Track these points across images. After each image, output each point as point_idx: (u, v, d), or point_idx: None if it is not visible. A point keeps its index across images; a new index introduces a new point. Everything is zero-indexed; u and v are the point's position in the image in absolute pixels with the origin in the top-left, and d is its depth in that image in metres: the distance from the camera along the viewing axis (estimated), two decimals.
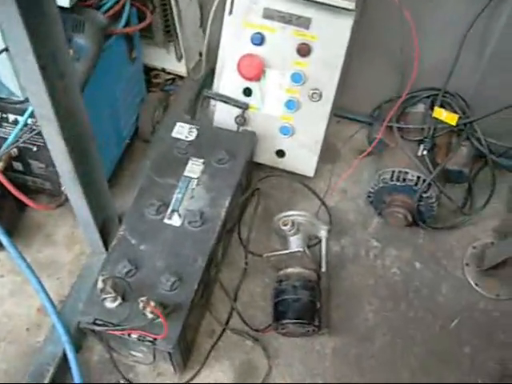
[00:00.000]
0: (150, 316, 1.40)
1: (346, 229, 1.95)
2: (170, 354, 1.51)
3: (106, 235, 1.74)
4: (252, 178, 1.98)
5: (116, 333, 1.46)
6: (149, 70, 2.22)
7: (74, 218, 1.83)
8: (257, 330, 1.73)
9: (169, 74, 2.27)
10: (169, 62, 2.19)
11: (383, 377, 1.70)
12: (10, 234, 1.51)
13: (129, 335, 1.46)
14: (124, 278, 1.52)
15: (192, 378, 1.66)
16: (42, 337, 1.72)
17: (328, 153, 2.08)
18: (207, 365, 1.69)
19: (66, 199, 1.70)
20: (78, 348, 1.67)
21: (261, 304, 1.80)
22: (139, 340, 1.46)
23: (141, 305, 1.37)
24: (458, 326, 1.79)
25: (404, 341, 1.76)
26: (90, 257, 1.81)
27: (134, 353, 1.63)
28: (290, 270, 1.72)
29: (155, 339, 1.44)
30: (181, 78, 2.27)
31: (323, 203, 1.86)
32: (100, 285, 1.41)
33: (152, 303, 1.38)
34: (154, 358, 1.59)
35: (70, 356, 1.60)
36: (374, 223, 1.97)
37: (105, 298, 1.46)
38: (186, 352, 1.64)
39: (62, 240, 1.91)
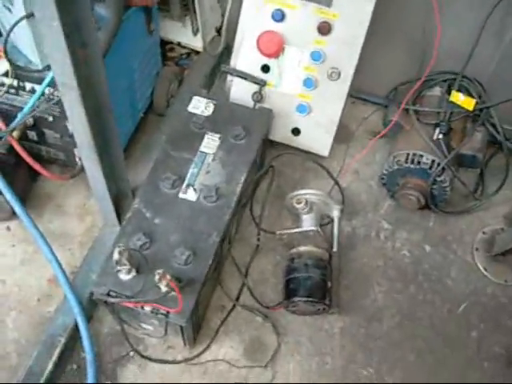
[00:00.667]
0: (164, 289, 1.40)
1: (358, 210, 1.96)
2: (181, 327, 1.51)
3: (119, 208, 1.74)
4: (266, 156, 1.98)
5: (130, 305, 1.46)
6: (164, 44, 2.20)
7: (87, 189, 1.84)
8: (267, 307, 1.74)
9: (184, 48, 2.25)
10: (185, 35, 2.17)
11: (390, 358, 1.71)
12: (22, 203, 1.54)
13: (142, 308, 1.46)
14: (140, 250, 1.53)
15: (202, 353, 1.67)
16: (52, 307, 1.72)
17: (342, 133, 2.07)
18: (217, 340, 1.70)
19: (80, 170, 1.70)
20: (88, 319, 1.69)
21: (272, 281, 1.81)
22: (152, 313, 1.46)
23: (157, 277, 1.37)
24: (466, 310, 1.80)
25: (412, 323, 1.77)
26: (102, 229, 1.81)
27: (144, 325, 1.63)
28: (302, 248, 1.73)
29: (168, 313, 1.44)
30: (196, 52, 2.25)
31: (336, 183, 1.86)
32: (116, 256, 1.41)
33: (168, 276, 1.38)
34: (165, 331, 1.60)
35: (82, 327, 1.62)
36: (385, 205, 1.97)
37: (119, 270, 1.46)
38: (196, 326, 1.65)
39: (73, 211, 1.91)
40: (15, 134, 1.65)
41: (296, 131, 1.96)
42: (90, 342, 1.60)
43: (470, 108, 1.81)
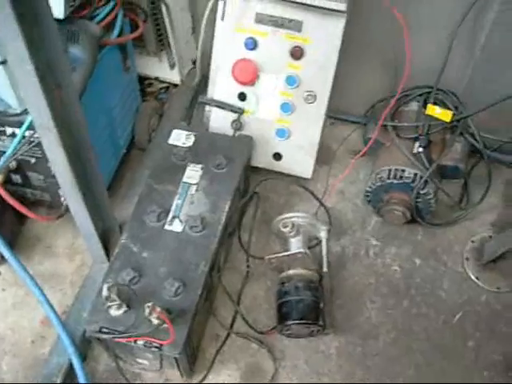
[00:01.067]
0: (155, 322, 1.40)
1: (345, 229, 1.96)
2: (176, 359, 1.51)
3: (107, 245, 1.75)
4: (250, 182, 1.98)
5: (122, 340, 1.46)
6: (142, 80, 2.23)
7: (74, 228, 1.83)
8: (261, 333, 1.74)
9: (162, 82, 2.28)
10: (162, 70, 2.20)
11: (389, 374, 1.70)
12: (10, 246, 1.54)
13: (135, 342, 1.46)
14: (129, 285, 1.53)
15: (199, 383, 1.67)
16: (47, 348, 1.72)
17: (324, 154, 2.09)
18: (213, 369, 1.69)
19: (66, 210, 1.70)
20: (83, 358, 1.68)
21: (264, 307, 1.80)
22: (145, 346, 1.46)
23: (147, 310, 1.37)
24: (461, 320, 1.80)
25: (408, 337, 1.77)
26: (91, 267, 1.81)
27: (140, 360, 1.63)
28: (291, 271, 1.72)
29: (162, 345, 1.44)
30: (174, 86, 2.28)
31: (322, 204, 1.87)
32: (105, 292, 1.41)
33: (158, 309, 1.38)
34: (161, 364, 1.60)
35: (77, 366, 1.61)
36: (372, 222, 1.98)
37: (110, 306, 1.46)
38: (192, 357, 1.64)
39: (62, 251, 1.91)
40: None
41: (277, 156, 1.98)
42: (86, 381, 1.60)
43: (448, 119, 1.83)
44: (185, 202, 1.67)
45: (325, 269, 1.79)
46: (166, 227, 1.64)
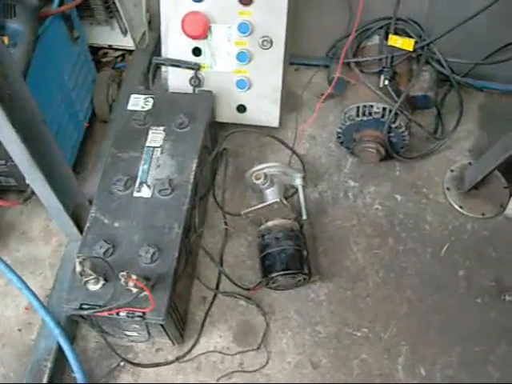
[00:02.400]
0: (134, 291, 1.37)
1: (321, 174, 1.93)
2: (162, 326, 1.47)
3: (79, 221, 1.69)
4: (218, 139, 1.94)
5: (104, 314, 1.42)
6: (96, 50, 2.18)
7: (46, 211, 1.81)
8: (248, 289, 1.71)
9: (117, 50, 2.22)
10: (115, 37, 2.14)
11: (382, 314, 1.68)
12: None
13: (117, 314, 1.42)
14: (103, 257, 1.49)
15: (192, 348, 1.64)
16: (34, 334, 1.69)
17: (290, 101, 2.06)
18: (204, 332, 1.67)
19: (32, 193, 1.66)
20: (72, 338, 1.66)
21: (248, 263, 1.78)
22: (128, 317, 1.42)
23: (122, 280, 1.34)
24: (449, 251, 1.78)
25: (397, 275, 1.75)
26: (67, 246, 1.77)
27: (128, 333, 1.59)
28: (270, 222, 1.70)
29: (144, 313, 1.41)
30: (130, 52, 2.22)
31: (293, 152, 1.83)
32: (78, 267, 1.37)
33: (134, 276, 1.34)
34: (149, 334, 1.57)
35: (65, 347, 1.58)
36: (348, 164, 1.94)
37: (87, 281, 1.42)
38: (180, 323, 1.61)
39: (38, 235, 1.88)
40: None
41: (241, 108, 1.92)
42: (76, 361, 1.56)
43: (410, 48, 1.78)
44: (151, 167, 1.62)
45: (304, 216, 1.77)
46: (135, 194, 1.59)
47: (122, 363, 1.64)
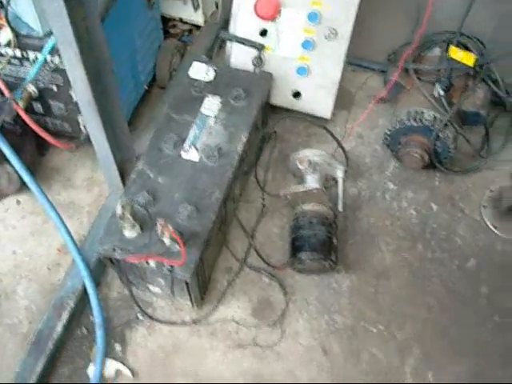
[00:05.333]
0: (168, 242, 1.43)
1: (363, 172, 1.96)
2: (187, 284, 1.52)
3: (124, 174, 1.76)
4: (268, 122, 1.99)
5: (134, 259, 1.47)
6: (166, 21, 2.24)
7: (93, 162, 1.88)
8: (273, 267, 1.75)
9: (185, 23, 2.29)
10: (186, 11, 2.21)
11: (400, 314, 1.70)
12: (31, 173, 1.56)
13: (147, 263, 1.48)
14: (144, 205, 1.54)
15: (209, 314, 1.68)
16: (62, 275, 1.74)
17: (343, 99, 2.09)
18: (224, 301, 1.71)
19: (86, 139, 1.72)
20: (97, 284, 1.70)
21: (278, 244, 1.81)
22: (157, 268, 1.48)
23: (159, 228, 1.39)
24: (476, 266, 1.78)
25: (421, 280, 1.77)
26: (108, 197, 1.83)
27: (151, 287, 1.65)
28: (306, 206, 1.73)
29: (173, 267, 1.46)
30: (197, 28, 2.28)
31: (340, 144, 1.86)
32: (119, 210, 1.42)
33: (170, 227, 1.39)
34: (172, 291, 1.61)
35: (90, 290, 1.64)
36: (390, 167, 1.97)
37: (124, 226, 1.47)
38: (203, 286, 1.66)
39: (81, 183, 1.94)
40: (21, 103, 1.68)
41: (297, 94, 1.97)
42: (98, 304, 1.63)
43: (470, 63, 1.80)
44: (202, 132, 1.68)
45: (340, 208, 1.80)
46: (183, 155, 1.65)
47: (140, 316, 1.68)
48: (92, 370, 1.59)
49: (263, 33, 1.89)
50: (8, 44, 1.62)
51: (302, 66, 1.90)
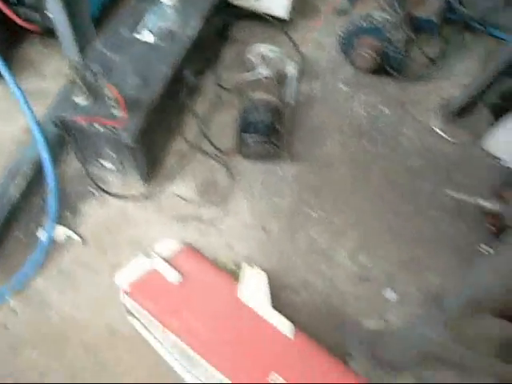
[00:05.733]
0: (114, 109, 1.52)
1: (318, 74, 2.03)
2: (133, 152, 1.61)
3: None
4: (228, 25, 2.07)
5: (82, 120, 1.56)
6: None
7: (63, 56, 1.97)
8: (222, 151, 1.83)
9: None
10: None
11: (341, 203, 1.78)
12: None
13: (93, 125, 1.56)
14: (91, 69, 1.62)
15: (158, 190, 1.76)
16: None
17: (307, 10, 2.17)
18: (172, 180, 1.80)
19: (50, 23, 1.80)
20: (55, 161, 1.78)
21: (229, 133, 1.89)
22: (104, 132, 1.55)
23: (106, 91, 1.49)
24: (420, 165, 1.86)
25: (364, 173, 1.84)
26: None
27: (105, 162, 1.74)
28: (255, 94, 1.80)
29: (117, 129, 1.54)
30: None
31: (295, 45, 1.93)
32: (67, 71, 1.51)
33: (115, 88, 1.49)
34: (122, 164, 1.70)
35: (46, 161, 1.69)
36: (345, 71, 2.04)
37: (73, 90, 1.55)
38: (151, 163, 1.75)
39: (50, 73, 2.03)
40: None
41: None
42: (52, 172, 1.69)
43: None
44: (158, 18, 1.77)
45: (291, 100, 1.88)
46: (138, 37, 1.73)
47: (93, 190, 1.77)
48: (42, 234, 1.70)
49: None
50: None
51: None
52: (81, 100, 1.59)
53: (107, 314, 1.59)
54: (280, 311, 1.41)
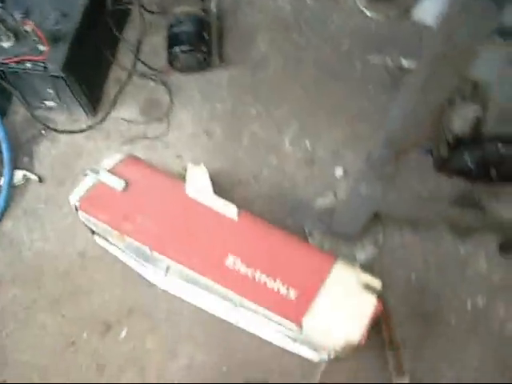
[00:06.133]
0: (35, 39, 1.59)
1: None
2: (65, 81, 1.66)
3: None
4: None
5: (9, 61, 1.63)
6: None
7: None
8: (157, 70, 1.88)
9: None
10: None
11: (277, 96, 1.83)
12: None
13: (23, 64, 1.62)
14: (14, 18, 1.67)
15: (103, 119, 1.82)
16: None
17: None
18: (115, 106, 1.86)
19: None
20: (3, 113, 1.87)
21: (162, 53, 1.90)
22: (33, 69, 1.62)
23: (26, 27, 1.57)
24: (350, 46, 1.90)
25: (296, 65, 1.89)
26: None
27: (47, 102, 1.81)
28: (177, 9, 1.85)
29: (44, 63, 1.60)
30: None
31: None
32: None
33: (31, 21, 1.57)
34: (59, 97, 1.76)
35: None
36: None
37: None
38: (92, 95, 1.81)
39: None
40: None
41: None
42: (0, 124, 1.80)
43: None
44: None
45: (213, 9, 1.91)
46: None
47: (43, 131, 1.85)
48: (1, 180, 1.79)
49: None
50: None
51: None
52: (6, 44, 1.66)
53: (76, 241, 1.69)
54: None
